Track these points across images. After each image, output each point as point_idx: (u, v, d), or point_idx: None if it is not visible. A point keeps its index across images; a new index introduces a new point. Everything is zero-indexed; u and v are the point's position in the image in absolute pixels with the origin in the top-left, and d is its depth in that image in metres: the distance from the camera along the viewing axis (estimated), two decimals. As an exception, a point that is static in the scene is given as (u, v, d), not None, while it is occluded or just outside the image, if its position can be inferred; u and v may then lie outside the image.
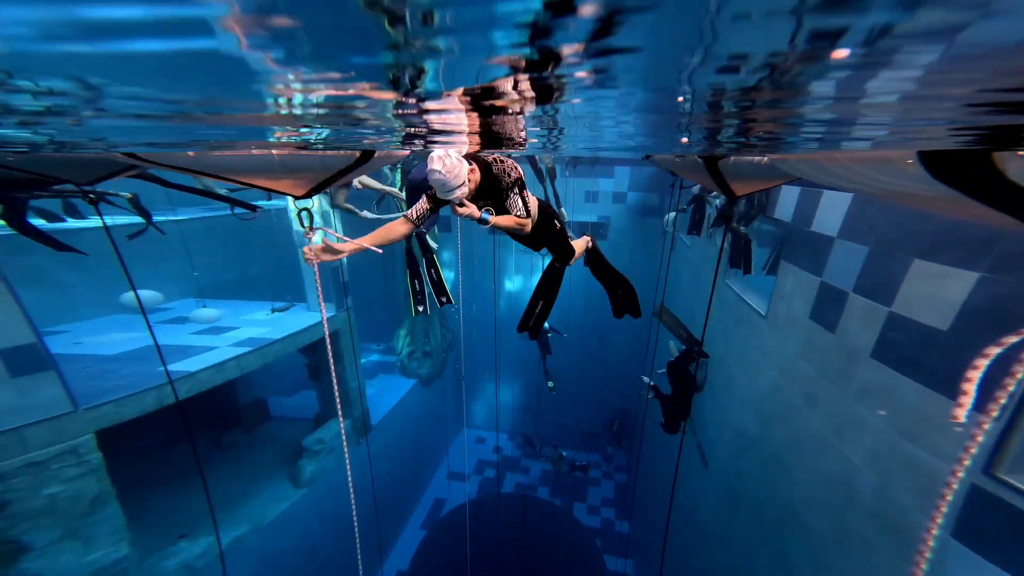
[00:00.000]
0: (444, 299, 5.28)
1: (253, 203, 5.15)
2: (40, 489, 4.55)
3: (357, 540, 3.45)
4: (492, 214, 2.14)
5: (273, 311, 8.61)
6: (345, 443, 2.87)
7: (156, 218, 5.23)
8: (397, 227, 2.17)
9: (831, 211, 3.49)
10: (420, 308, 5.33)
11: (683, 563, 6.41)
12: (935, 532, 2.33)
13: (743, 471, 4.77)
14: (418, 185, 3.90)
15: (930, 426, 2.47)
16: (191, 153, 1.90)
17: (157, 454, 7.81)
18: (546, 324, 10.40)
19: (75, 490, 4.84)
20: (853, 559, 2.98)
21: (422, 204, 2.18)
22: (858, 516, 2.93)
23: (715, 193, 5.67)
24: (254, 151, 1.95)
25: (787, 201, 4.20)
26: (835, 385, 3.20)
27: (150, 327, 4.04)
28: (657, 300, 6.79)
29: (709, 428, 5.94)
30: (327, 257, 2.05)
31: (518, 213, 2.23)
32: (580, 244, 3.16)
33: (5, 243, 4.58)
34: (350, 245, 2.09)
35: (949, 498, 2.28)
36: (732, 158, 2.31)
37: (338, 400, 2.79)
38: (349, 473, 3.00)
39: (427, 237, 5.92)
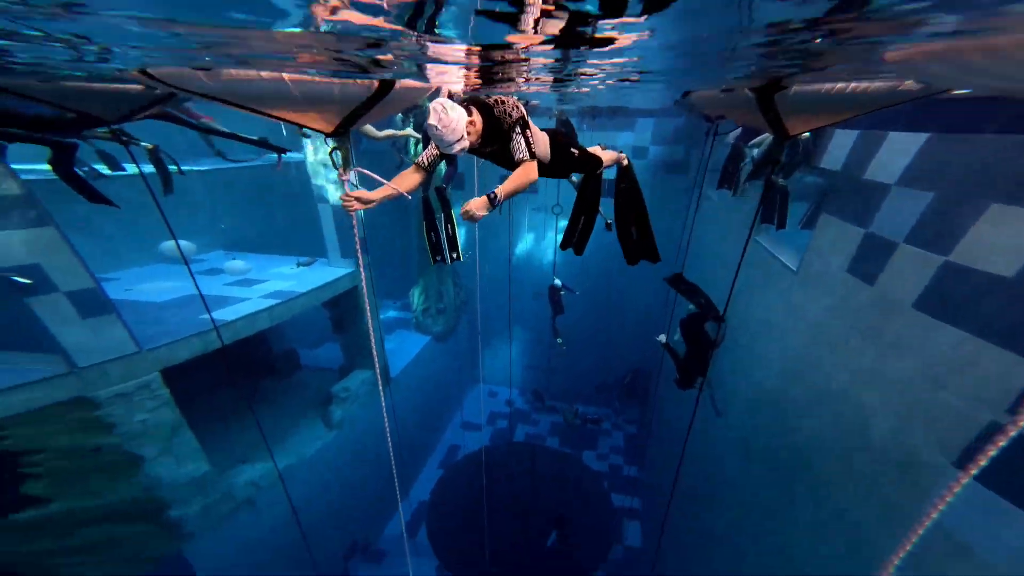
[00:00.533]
0: (454, 255, 5.58)
1: (274, 155, 5.25)
2: (133, 415, 5.28)
3: (394, 468, 3.93)
4: (497, 197, 2.02)
5: (298, 265, 9.10)
6: (381, 386, 3.28)
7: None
8: (410, 175, 2.16)
9: (895, 156, 3.27)
10: (438, 258, 5.56)
11: (690, 500, 7.07)
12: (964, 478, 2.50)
13: (758, 423, 4.96)
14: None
15: (965, 372, 2.50)
16: (205, 75, 1.93)
17: (208, 395, 8.63)
18: (558, 281, 10.71)
19: (157, 418, 5.58)
20: (853, 496, 3.25)
21: (430, 151, 2.16)
22: (866, 458, 3.12)
23: (754, 143, 5.43)
24: (263, 74, 1.97)
25: (839, 148, 3.89)
26: (864, 338, 3.24)
27: (193, 278, 4.52)
28: (679, 263, 6.87)
29: (726, 382, 6.16)
30: (360, 205, 2.03)
31: (520, 157, 2.14)
32: (610, 154, 2.98)
33: (48, 190, 4.56)
34: (381, 192, 2.09)
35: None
36: (794, 88, 2.10)
37: (375, 352, 2.96)
38: (385, 415, 3.30)
39: (446, 192, 6.16)
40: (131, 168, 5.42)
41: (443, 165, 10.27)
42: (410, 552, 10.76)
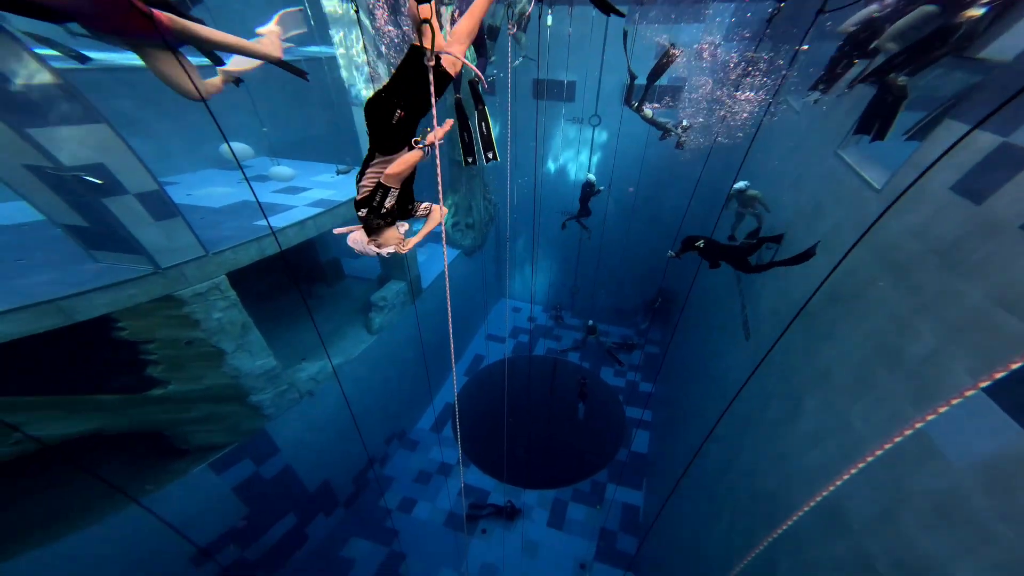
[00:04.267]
0: (490, 155, 5.45)
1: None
2: (210, 313, 5.96)
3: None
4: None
5: (337, 173, 9.19)
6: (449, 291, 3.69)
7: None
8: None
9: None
10: (469, 159, 5.34)
11: (699, 412, 8.01)
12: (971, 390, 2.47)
13: (788, 342, 4.86)
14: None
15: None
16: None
17: (266, 300, 9.44)
18: (592, 176, 10.50)
19: (230, 317, 6.29)
20: (861, 405, 3.46)
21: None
22: (892, 376, 3.21)
23: (893, 32, 4.31)
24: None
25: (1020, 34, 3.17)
26: (942, 258, 3.14)
27: (251, 186, 4.75)
28: (731, 182, 6.63)
29: (762, 302, 6.23)
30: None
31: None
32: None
33: (85, 82, 4.39)
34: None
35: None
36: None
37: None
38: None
39: (479, 87, 5.84)
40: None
41: (472, 54, 9.57)
42: (438, 443, 12.73)
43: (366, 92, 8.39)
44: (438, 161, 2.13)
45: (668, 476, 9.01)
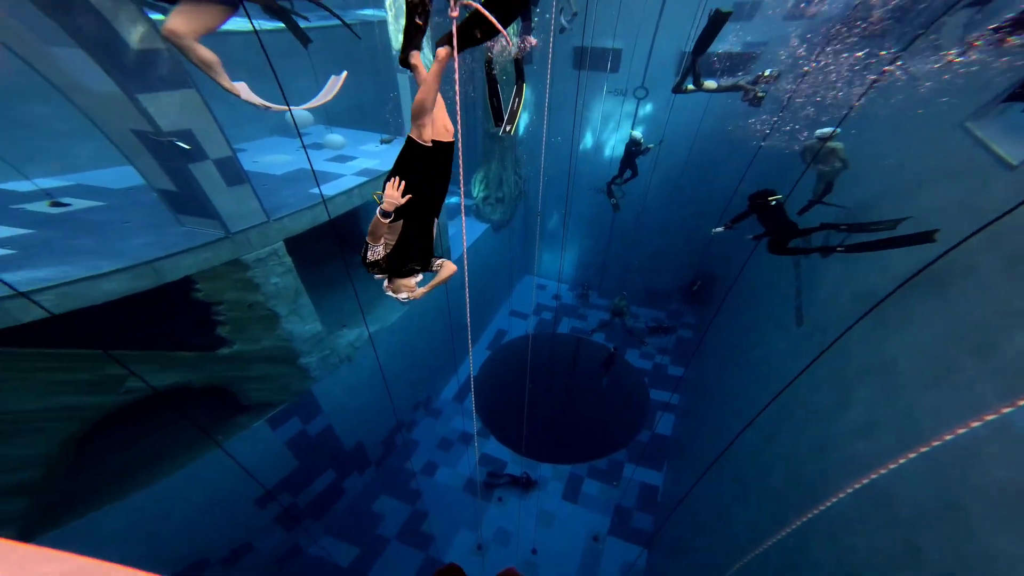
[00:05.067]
0: (508, 128, 5.52)
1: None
2: (269, 278, 6.31)
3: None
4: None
5: (381, 142, 9.32)
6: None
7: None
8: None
9: None
10: (497, 126, 5.52)
11: (734, 397, 8.20)
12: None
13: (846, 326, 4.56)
14: None
15: None
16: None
17: (314, 266, 9.80)
18: (638, 133, 9.69)
19: (285, 282, 6.64)
20: (932, 397, 3.40)
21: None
22: (980, 368, 3.14)
23: None
24: None
25: None
26: None
27: (307, 154, 4.93)
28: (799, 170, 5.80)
29: (821, 289, 6.05)
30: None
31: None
32: None
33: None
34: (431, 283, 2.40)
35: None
36: None
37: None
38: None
39: (522, 62, 5.78)
40: (239, 24, 5.43)
41: (515, 27, 9.33)
42: (459, 412, 13.34)
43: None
44: (459, 146, 2.33)
45: (693, 458, 9.39)
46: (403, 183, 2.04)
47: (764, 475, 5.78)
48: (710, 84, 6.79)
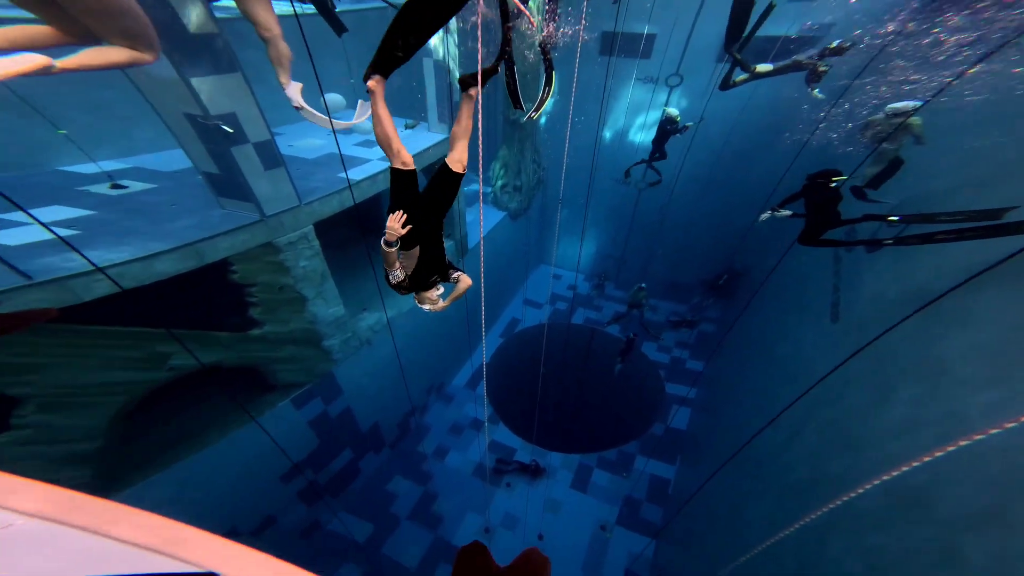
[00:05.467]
0: (534, 113, 5.45)
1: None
2: (299, 261, 6.45)
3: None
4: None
5: (406, 127, 9.35)
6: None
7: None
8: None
9: None
10: (519, 108, 5.46)
11: (757, 393, 8.16)
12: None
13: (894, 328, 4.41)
14: None
15: None
16: None
17: (338, 250, 9.94)
18: (673, 110, 8.89)
19: (313, 265, 6.78)
20: (985, 398, 3.38)
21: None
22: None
23: None
24: None
25: None
26: None
27: (337, 140, 4.99)
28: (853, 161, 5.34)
29: (864, 285, 5.88)
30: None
31: None
32: None
33: (232, 30, 4.47)
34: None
35: None
36: None
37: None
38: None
39: (549, 51, 5.68)
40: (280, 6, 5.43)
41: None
42: (471, 399, 13.60)
43: (439, 43, 8.34)
44: (480, 128, 2.41)
45: (709, 453, 9.51)
46: (404, 214, 2.11)
47: (786, 471, 5.86)
48: (764, 67, 6.21)
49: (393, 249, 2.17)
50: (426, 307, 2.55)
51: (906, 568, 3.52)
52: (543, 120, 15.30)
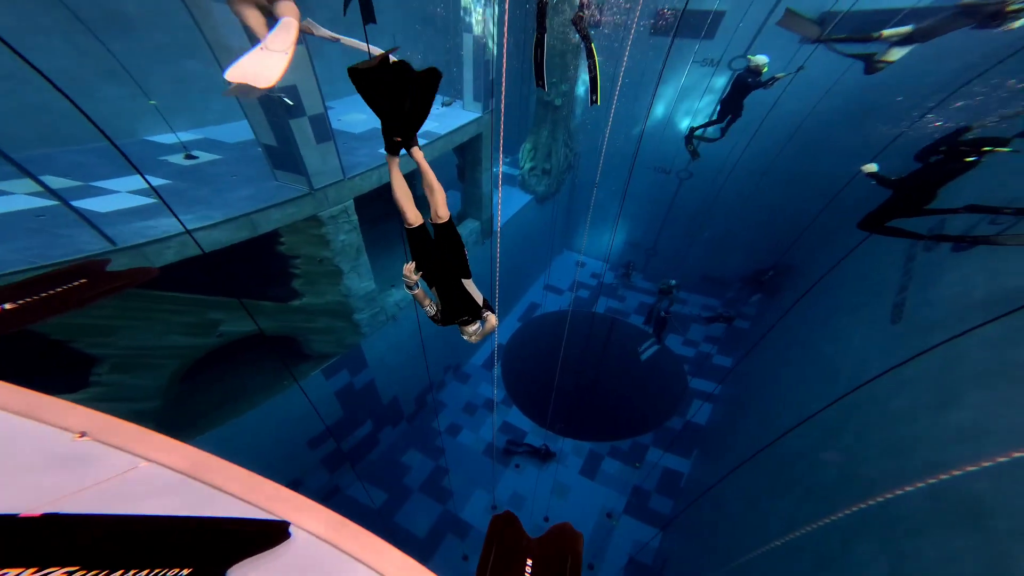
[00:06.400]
0: (594, 96, 5.21)
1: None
2: (338, 235, 6.61)
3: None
4: None
5: (443, 104, 9.32)
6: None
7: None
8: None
9: None
10: (541, 82, 5.09)
11: (793, 391, 8.04)
12: None
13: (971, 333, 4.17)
14: None
15: None
16: None
17: (371, 226, 10.09)
18: (759, 57, 7.42)
19: (350, 240, 6.95)
20: None
21: None
22: None
23: None
24: None
25: None
26: None
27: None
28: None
29: (941, 286, 5.63)
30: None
31: None
32: None
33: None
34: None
35: None
36: None
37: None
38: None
39: (586, 26, 5.46)
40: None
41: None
42: (486, 379, 13.91)
43: (479, 16, 8.21)
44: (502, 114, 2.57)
45: (732, 449, 9.60)
46: (414, 263, 2.57)
47: (814, 470, 5.92)
48: (897, 31, 4.95)
49: (413, 292, 2.61)
50: (464, 338, 2.87)
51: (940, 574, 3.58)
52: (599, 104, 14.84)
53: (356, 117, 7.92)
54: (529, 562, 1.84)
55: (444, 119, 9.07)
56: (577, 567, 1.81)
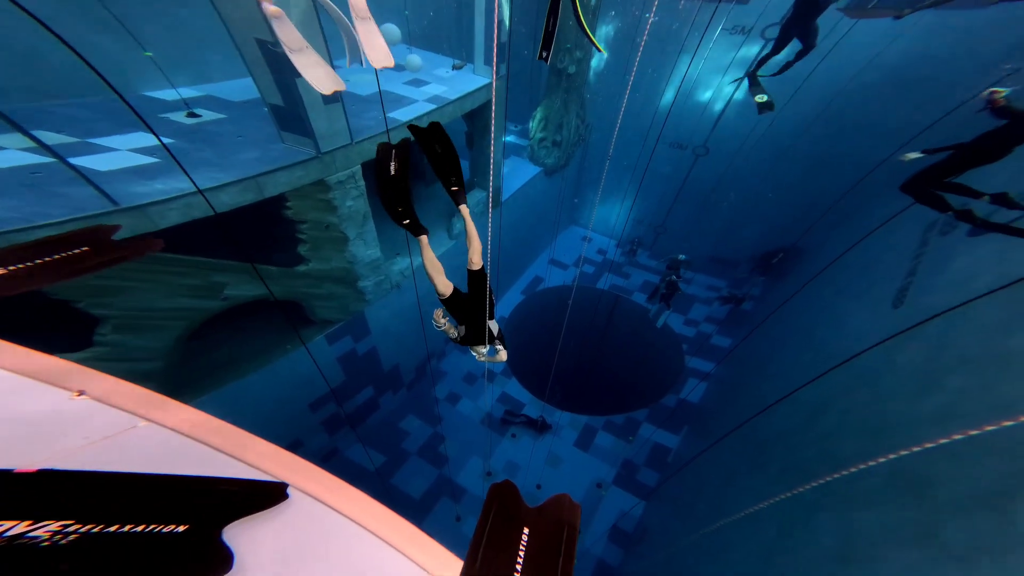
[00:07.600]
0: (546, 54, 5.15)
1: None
2: (345, 200, 6.58)
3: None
4: None
5: (453, 68, 9.04)
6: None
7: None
8: None
9: None
10: (545, 54, 5.11)
11: (786, 373, 8.25)
12: None
13: (968, 320, 4.33)
14: None
15: None
16: None
17: (373, 193, 10.02)
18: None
19: (357, 206, 6.91)
20: None
21: None
22: None
23: None
24: None
25: None
26: None
27: (378, 77, 4.88)
28: None
29: (945, 271, 5.67)
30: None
31: None
32: None
33: None
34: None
35: None
36: None
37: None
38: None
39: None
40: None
41: None
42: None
43: None
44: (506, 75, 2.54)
45: (719, 427, 9.82)
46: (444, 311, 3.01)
47: (793, 450, 6.10)
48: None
49: (441, 329, 3.02)
50: (473, 354, 3.19)
51: (877, 540, 3.81)
52: (592, 76, 14.26)
53: (363, 78, 7.69)
54: (526, 530, 1.96)
55: (454, 83, 8.83)
56: (573, 538, 1.92)
